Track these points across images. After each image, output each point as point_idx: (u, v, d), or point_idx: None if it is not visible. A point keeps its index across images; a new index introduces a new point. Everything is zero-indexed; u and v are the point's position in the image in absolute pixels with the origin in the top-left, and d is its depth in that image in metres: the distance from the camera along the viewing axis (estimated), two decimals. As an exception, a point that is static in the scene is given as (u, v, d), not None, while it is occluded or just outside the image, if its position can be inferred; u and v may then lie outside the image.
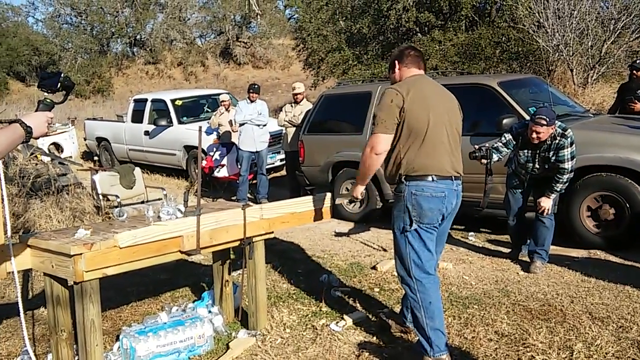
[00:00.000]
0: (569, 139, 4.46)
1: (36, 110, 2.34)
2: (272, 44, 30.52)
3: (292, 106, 8.42)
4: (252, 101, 8.39)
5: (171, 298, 4.47)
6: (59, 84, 2.40)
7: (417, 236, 3.08)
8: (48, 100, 2.37)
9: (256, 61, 31.04)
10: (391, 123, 3.04)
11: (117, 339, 3.54)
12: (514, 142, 4.75)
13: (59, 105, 2.45)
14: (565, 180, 4.55)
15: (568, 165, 4.49)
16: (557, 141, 4.48)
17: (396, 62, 3.29)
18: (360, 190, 3.41)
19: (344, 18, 16.19)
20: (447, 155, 3.11)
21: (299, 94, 8.31)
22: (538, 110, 4.53)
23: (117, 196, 6.71)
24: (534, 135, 4.47)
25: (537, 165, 4.69)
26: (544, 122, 4.39)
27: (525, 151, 4.71)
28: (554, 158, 4.53)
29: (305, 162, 7.53)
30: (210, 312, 3.82)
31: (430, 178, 3.04)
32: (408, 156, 3.06)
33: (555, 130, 4.48)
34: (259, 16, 29.73)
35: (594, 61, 11.46)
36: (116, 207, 6.39)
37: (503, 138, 4.78)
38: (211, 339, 3.57)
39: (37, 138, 2.31)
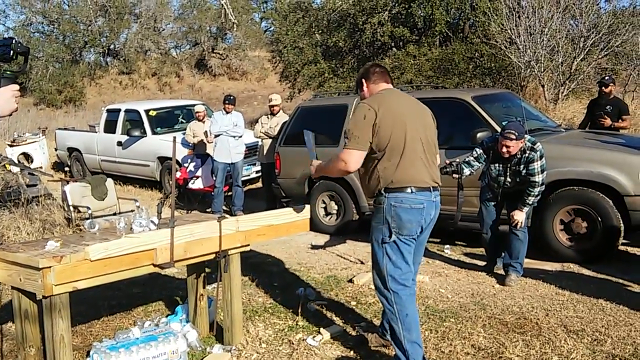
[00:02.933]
0: (538, 153, 4.52)
1: None
2: (247, 55, 30.47)
3: (268, 118, 8.39)
4: (227, 112, 8.34)
5: (144, 312, 4.37)
6: (12, 51, 2.16)
7: (395, 248, 3.07)
8: (8, 72, 2.15)
9: (232, 73, 30.94)
10: (365, 140, 3.03)
11: (88, 354, 3.43)
12: (485, 156, 4.81)
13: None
14: (536, 193, 4.61)
15: (538, 178, 4.55)
16: (526, 154, 4.55)
17: (363, 80, 3.31)
18: (312, 170, 3.46)
19: (320, 31, 16.27)
20: (424, 167, 3.12)
21: (276, 105, 8.29)
22: (507, 125, 4.61)
23: (88, 208, 6.57)
24: (504, 149, 4.53)
25: (508, 179, 4.74)
26: (513, 137, 4.45)
27: (497, 165, 4.77)
28: (524, 171, 4.59)
29: (281, 174, 7.49)
30: (184, 326, 3.75)
31: (409, 190, 3.04)
32: (387, 170, 3.06)
33: (525, 144, 4.55)
34: (235, 26, 29.66)
35: (564, 77, 11.71)
36: (87, 218, 6.25)
37: (474, 152, 4.84)
38: (185, 354, 3.49)
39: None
